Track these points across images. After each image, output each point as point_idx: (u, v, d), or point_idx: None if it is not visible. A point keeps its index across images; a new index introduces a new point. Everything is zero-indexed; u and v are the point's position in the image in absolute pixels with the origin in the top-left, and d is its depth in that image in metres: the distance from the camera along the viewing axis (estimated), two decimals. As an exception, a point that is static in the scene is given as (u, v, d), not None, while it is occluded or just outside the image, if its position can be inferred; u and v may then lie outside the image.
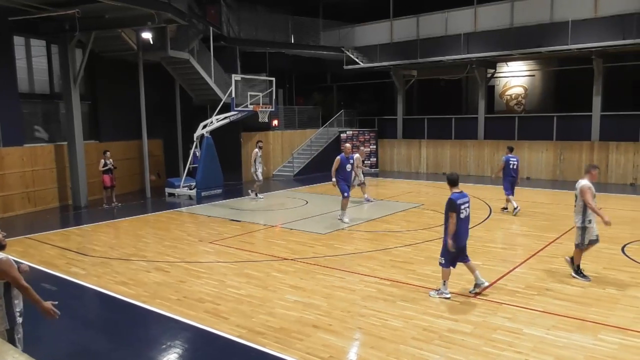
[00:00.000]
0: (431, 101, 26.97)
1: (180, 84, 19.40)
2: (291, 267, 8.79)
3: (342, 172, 12.31)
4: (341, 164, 12.24)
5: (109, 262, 9.37)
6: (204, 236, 11.35)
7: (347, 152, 12.47)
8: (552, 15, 19.03)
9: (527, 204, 14.74)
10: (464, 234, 7.08)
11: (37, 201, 15.06)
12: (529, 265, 8.67)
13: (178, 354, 5.79)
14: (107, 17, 14.36)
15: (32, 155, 14.90)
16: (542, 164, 20.44)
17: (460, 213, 6.91)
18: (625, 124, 18.85)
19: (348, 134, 24.55)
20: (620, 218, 12.24)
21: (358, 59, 23.87)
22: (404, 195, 16.52)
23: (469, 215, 7.15)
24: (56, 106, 16.38)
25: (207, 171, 16.78)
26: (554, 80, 23.57)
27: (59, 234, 11.91)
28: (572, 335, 5.82)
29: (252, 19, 22.84)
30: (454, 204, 6.86)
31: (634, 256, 9.02)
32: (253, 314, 6.71)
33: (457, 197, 6.93)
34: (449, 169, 22.75)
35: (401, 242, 10.40)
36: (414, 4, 22.62)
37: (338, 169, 12.23)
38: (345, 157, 12.33)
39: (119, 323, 6.76)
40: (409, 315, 6.52)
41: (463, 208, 6.98)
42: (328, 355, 5.51)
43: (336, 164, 12.24)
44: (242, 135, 20.96)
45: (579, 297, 7.05)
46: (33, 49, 15.68)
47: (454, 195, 6.97)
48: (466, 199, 7.09)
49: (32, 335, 6.13)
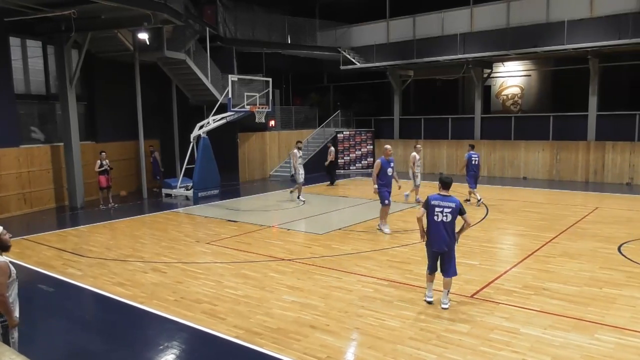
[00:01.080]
0: (428, 101, 27.03)
1: (177, 84, 19.37)
2: (288, 268, 8.79)
3: (384, 177, 11.16)
4: (382, 168, 11.11)
5: (105, 263, 9.35)
6: (201, 237, 11.33)
7: (387, 154, 11.33)
8: (548, 15, 19.09)
9: (524, 203, 14.79)
10: (435, 240, 6.76)
11: (34, 202, 15.02)
12: (525, 265, 8.69)
13: (175, 355, 5.78)
14: (103, 18, 14.33)
15: (28, 156, 14.86)
16: (539, 163, 20.49)
17: (434, 215, 6.71)
18: (622, 124, 18.91)
19: (345, 134, 24.57)
20: (616, 218, 12.29)
21: (355, 59, 23.89)
22: (401, 196, 16.52)
23: (448, 222, 6.65)
24: (52, 107, 16.35)
25: (204, 172, 16.77)
26: (550, 80, 23.63)
27: (56, 235, 11.87)
28: (569, 335, 5.83)
29: (249, 19, 22.84)
30: (427, 201, 6.78)
31: (631, 256, 9.04)
32: (250, 314, 6.71)
33: (434, 198, 6.76)
34: (445, 169, 22.81)
35: (398, 242, 10.41)
36: (410, 4, 22.66)
37: (379, 174, 11.13)
38: (386, 160, 11.19)
39: (116, 324, 6.74)
40: (406, 316, 6.52)
41: (438, 211, 6.67)
42: (325, 355, 5.51)
43: (377, 168, 11.16)
44: (239, 135, 20.95)
45: (576, 297, 7.07)
46: (29, 50, 15.63)
47: (433, 194, 6.84)
48: (446, 204, 6.67)
49: (29, 337, 6.13)
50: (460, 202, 6.76)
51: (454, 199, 6.74)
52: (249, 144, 21.74)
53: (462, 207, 6.70)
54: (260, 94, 16.77)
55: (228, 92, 15.85)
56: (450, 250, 6.78)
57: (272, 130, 22.76)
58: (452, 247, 6.77)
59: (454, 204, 6.68)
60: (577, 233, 10.87)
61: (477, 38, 20.77)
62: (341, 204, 15.39)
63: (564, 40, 18.29)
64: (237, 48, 21.78)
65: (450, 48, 21.22)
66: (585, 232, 10.97)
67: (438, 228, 6.72)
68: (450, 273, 6.82)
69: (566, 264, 8.63)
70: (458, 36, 21.02)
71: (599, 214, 12.72)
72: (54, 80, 15.89)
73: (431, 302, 6.90)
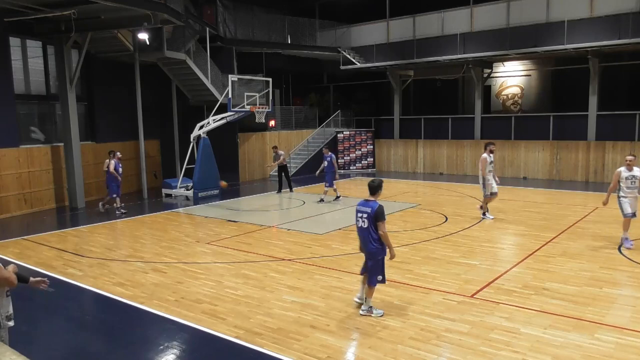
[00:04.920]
0: (428, 101, 27.04)
1: (177, 84, 19.38)
2: (289, 268, 8.79)
3: None
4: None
5: (106, 263, 9.35)
6: (201, 237, 11.34)
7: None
8: (548, 15, 19.08)
9: (524, 203, 14.79)
10: (361, 240, 6.64)
11: (34, 202, 15.03)
12: (526, 264, 8.69)
13: (175, 355, 5.78)
14: (103, 18, 14.33)
15: (28, 156, 14.86)
16: (539, 163, 20.49)
17: (356, 220, 6.57)
18: (622, 124, 18.92)
19: (345, 134, 24.58)
20: (616, 217, 12.26)
21: (354, 59, 23.89)
22: (401, 196, 16.53)
23: (365, 228, 6.39)
24: (52, 107, 16.35)
25: (204, 172, 16.77)
26: (550, 80, 23.63)
27: (56, 235, 11.87)
28: (569, 335, 5.83)
29: (249, 20, 22.85)
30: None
31: (631, 255, 9.04)
32: (251, 314, 6.71)
33: (359, 203, 6.60)
34: (446, 169, 22.85)
35: (398, 242, 10.40)
36: (410, 4, 22.67)
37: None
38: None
39: (116, 324, 6.74)
40: (406, 315, 6.52)
41: (358, 216, 6.49)
42: (326, 355, 5.51)
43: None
44: (239, 135, 20.95)
45: (576, 297, 7.07)
46: (29, 50, 15.63)
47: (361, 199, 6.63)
48: (364, 209, 6.41)
49: (29, 337, 6.13)
50: (377, 208, 6.28)
51: (373, 204, 6.34)
52: (249, 144, 21.74)
53: (378, 214, 6.26)
54: (260, 94, 16.78)
55: (228, 92, 15.86)
56: (368, 259, 6.51)
57: (272, 130, 22.76)
58: (372, 255, 6.45)
59: (370, 209, 6.32)
60: (577, 233, 10.87)
61: (477, 38, 20.77)
62: (341, 204, 15.39)
63: (564, 40, 18.29)
64: (237, 48, 21.78)
65: (450, 48, 21.22)
66: (585, 232, 10.98)
67: (359, 233, 6.60)
68: (370, 281, 6.49)
69: (566, 263, 8.63)
70: (458, 36, 21.02)
71: (599, 214, 12.72)
72: (54, 81, 15.89)
73: (360, 303, 6.74)
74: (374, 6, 23.72)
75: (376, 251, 6.42)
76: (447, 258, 9.15)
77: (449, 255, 9.36)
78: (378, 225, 6.29)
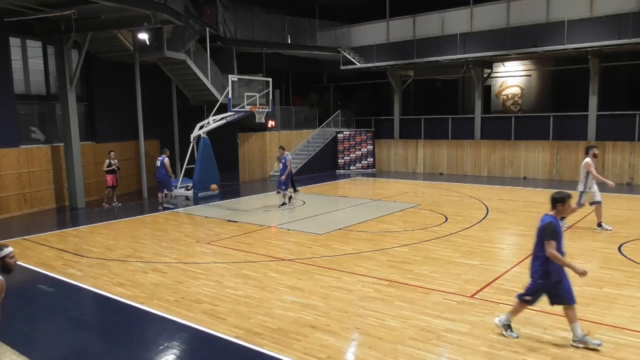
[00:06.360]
0: (428, 101, 27.03)
1: (177, 84, 19.38)
2: (289, 268, 8.79)
3: None
4: None
5: (106, 264, 9.35)
6: (201, 237, 11.33)
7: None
8: (548, 15, 19.08)
9: (524, 203, 14.79)
10: None
11: (34, 202, 15.02)
12: (526, 264, 8.61)
13: (175, 355, 5.78)
14: (103, 18, 14.32)
15: (28, 156, 14.86)
16: (539, 163, 20.49)
17: None
18: (622, 124, 18.92)
19: (345, 134, 24.58)
20: (616, 217, 12.28)
21: (354, 59, 23.89)
22: (401, 196, 16.54)
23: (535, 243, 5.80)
24: (52, 107, 16.35)
25: (204, 172, 16.77)
26: (550, 80, 23.63)
27: (56, 235, 11.87)
28: (569, 335, 5.83)
29: (249, 20, 22.85)
30: None
31: (631, 255, 9.04)
32: (250, 314, 6.71)
33: None
34: (446, 169, 22.85)
35: (398, 242, 10.41)
36: (410, 4, 22.66)
37: None
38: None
39: (116, 324, 6.74)
40: (406, 315, 6.52)
41: None
42: (326, 355, 5.51)
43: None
44: (239, 135, 20.95)
45: (576, 297, 7.04)
46: (29, 50, 15.62)
47: None
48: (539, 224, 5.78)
49: (29, 337, 6.13)
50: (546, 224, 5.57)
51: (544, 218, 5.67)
52: (249, 144, 21.74)
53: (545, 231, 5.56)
54: (260, 94, 16.78)
55: (228, 92, 15.86)
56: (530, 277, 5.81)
57: (272, 130, 22.76)
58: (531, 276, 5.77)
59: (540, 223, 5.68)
60: (577, 233, 10.87)
61: (477, 38, 20.77)
62: (341, 204, 15.39)
63: (564, 40, 18.29)
64: (237, 48, 21.78)
65: (450, 48, 21.22)
66: (585, 232, 10.98)
67: None
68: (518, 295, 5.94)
69: (566, 263, 8.62)
70: (458, 36, 21.02)
71: (599, 214, 12.70)
72: (54, 81, 15.89)
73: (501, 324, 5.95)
74: (374, 6, 23.72)
75: (534, 274, 5.67)
76: (447, 258, 9.15)
77: (449, 255, 9.36)
78: (545, 245, 5.51)
